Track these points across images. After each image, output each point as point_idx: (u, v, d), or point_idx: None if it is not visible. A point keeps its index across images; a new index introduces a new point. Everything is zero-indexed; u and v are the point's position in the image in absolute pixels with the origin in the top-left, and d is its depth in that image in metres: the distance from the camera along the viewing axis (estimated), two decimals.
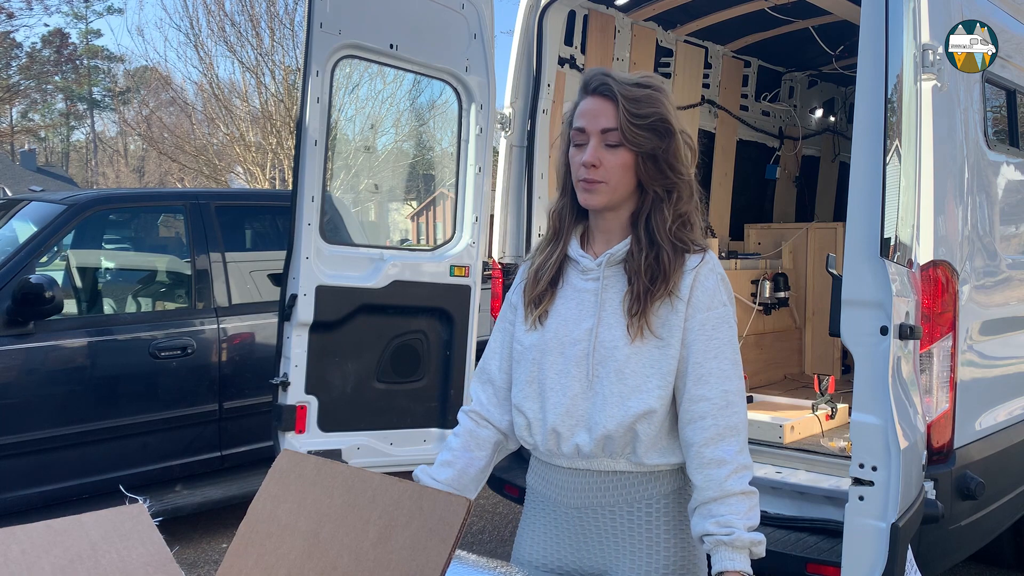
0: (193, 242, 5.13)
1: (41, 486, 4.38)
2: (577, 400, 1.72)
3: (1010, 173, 3.67)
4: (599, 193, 1.71)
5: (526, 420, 1.79)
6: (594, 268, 1.76)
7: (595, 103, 1.70)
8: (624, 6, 4.77)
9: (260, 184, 20.53)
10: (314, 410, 3.66)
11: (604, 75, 1.72)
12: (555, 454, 1.77)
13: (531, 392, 1.78)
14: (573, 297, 1.77)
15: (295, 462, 1.29)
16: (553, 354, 1.76)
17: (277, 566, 1.19)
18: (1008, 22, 3.71)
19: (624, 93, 1.68)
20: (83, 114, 49.82)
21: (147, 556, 1.16)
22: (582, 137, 1.72)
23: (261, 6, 20.92)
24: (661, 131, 1.69)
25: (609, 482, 1.74)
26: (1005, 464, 3.46)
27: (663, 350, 1.68)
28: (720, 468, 1.65)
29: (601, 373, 1.70)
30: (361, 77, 17.53)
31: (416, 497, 1.17)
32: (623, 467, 1.73)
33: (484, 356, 1.93)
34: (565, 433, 1.73)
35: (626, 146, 1.68)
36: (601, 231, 1.79)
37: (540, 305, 1.79)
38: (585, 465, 1.75)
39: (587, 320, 1.73)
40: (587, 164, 1.69)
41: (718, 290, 1.71)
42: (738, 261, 5.36)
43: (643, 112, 1.67)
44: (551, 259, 1.80)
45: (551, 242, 1.83)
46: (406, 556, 1.12)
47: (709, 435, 1.66)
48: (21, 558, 1.10)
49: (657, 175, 1.70)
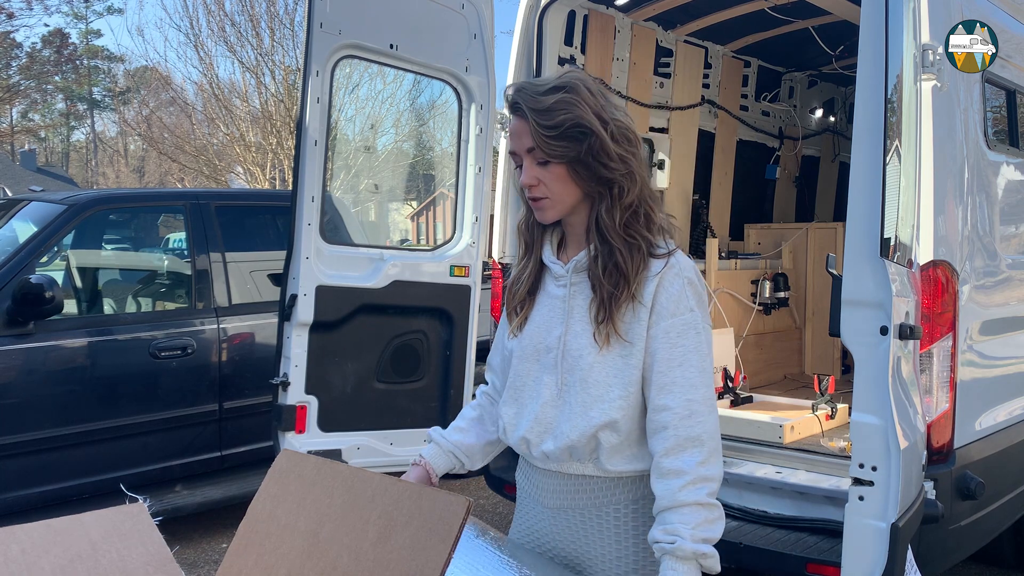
0: (193, 242, 5.13)
1: (41, 486, 4.37)
2: (546, 408, 1.74)
3: (1010, 173, 3.67)
4: (547, 209, 1.72)
5: (504, 423, 1.83)
6: (564, 275, 1.76)
7: (515, 124, 1.70)
8: (624, 6, 4.77)
9: (260, 184, 20.53)
10: (314, 410, 3.66)
11: (516, 91, 1.70)
12: (529, 456, 1.82)
13: (509, 397, 1.82)
14: (547, 304, 1.79)
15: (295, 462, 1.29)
16: (529, 361, 1.78)
17: (277, 566, 1.19)
18: (1008, 22, 3.71)
19: (533, 106, 1.65)
20: (83, 114, 49.84)
21: (147, 556, 1.16)
22: (517, 159, 1.72)
23: (261, 6, 20.93)
24: (578, 136, 1.64)
25: (579, 485, 1.75)
26: (1005, 464, 3.46)
27: (627, 359, 1.67)
28: (677, 479, 1.61)
29: (569, 381, 1.71)
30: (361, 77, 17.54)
31: (416, 497, 1.17)
32: (591, 471, 1.74)
33: (491, 350, 2.01)
34: (534, 440, 1.75)
35: (552, 160, 1.67)
36: (571, 235, 1.80)
37: (520, 313, 1.81)
38: (556, 468, 1.77)
39: (557, 327, 1.75)
40: (525, 185, 1.71)
41: (684, 295, 1.67)
42: (738, 261, 5.36)
43: (555, 122, 1.64)
44: (526, 271, 1.82)
45: (525, 255, 1.84)
46: (406, 556, 1.12)
47: (669, 445, 1.63)
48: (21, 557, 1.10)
49: (591, 178, 1.68)
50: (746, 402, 4.39)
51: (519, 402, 1.80)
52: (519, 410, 1.80)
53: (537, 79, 1.75)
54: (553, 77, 1.71)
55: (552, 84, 1.67)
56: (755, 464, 3.57)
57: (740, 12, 4.98)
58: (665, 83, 5.31)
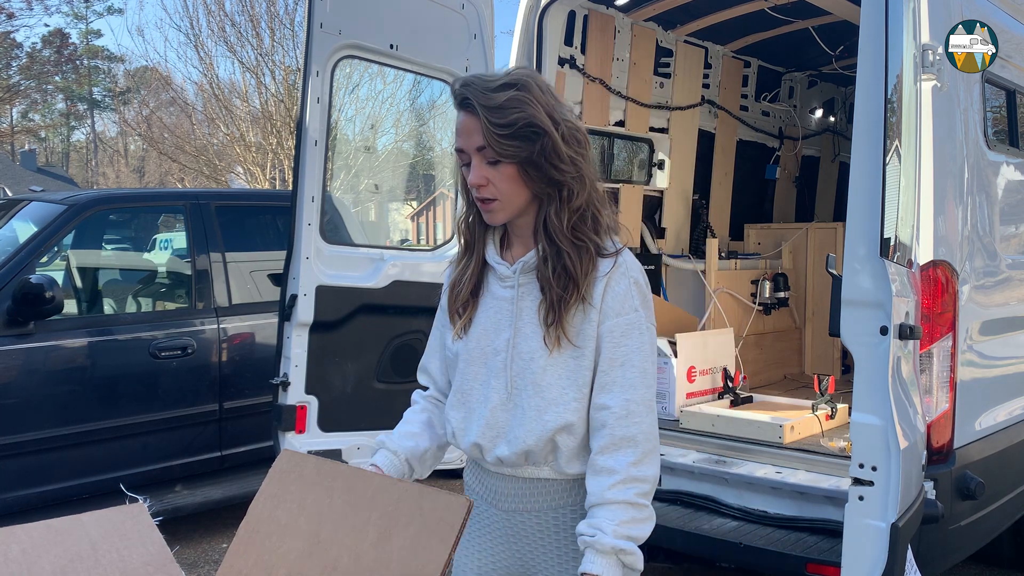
0: (193, 242, 5.13)
1: (41, 486, 4.37)
2: (497, 412, 1.70)
3: (1010, 173, 3.67)
4: (496, 211, 1.67)
5: (452, 428, 1.79)
6: (510, 276, 1.72)
7: (463, 119, 1.64)
8: (624, 6, 4.77)
9: (260, 184, 20.52)
10: (314, 410, 3.66)
11: (464, 85, 1.63)
12: (482, 460, 1.77)
13: (456, 401, 1.78)
14: (493, 306, 1.74)
15: (295, 462, 1.29)
16: (476, 364, 1.74)
17: (277, 566, 1.19)
18: (1008, 22, 3.71)
19: (484, 103, 1.59)
20: (83, 114, 49.83)
21: (147, 556, 1.16)
22: (464, 157, 1.66)
23: (261, 6, 20.92)
24: (531, 136, 1.60)
25: (535, 488, 1.73)
26: (1005, 464, 3.46)
27: (579, 360, 1.65)
28: (608, 477, 1.61)
29: (520, 385, 1.68)
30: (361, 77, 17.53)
31: (416, 497, 1.17)
32: (547, 475, 1.71)
33: (425, 355, 1.93)
34: (487, 445, 1.71)
35: (503, 160, 1.62)
36: (516, 235, 1.76)
37: (464, 315, 1.76)
38: (511, 472, 1.73)
39: (506, 330, 1.71)
40: (474, 185, 1.65)
41: (629, 295, 1.66)
42: (738, 261, 5.36)
43: (507, 120, 1.59)
44: (468, 271, 1.77)
45: (465, 253, 1.79)
46: (406, 556, 1.12)
47: (604, 443, 1.63)
48: (21, 557, 1.10)
49: (541, 179, 1.64)
50: (746, 402, 4.39)
51: (467, 406, 1.76)
52: (467, 414, 1.75)
53: (486, 74, 1.67)
54: (502, 73, 1.66)
55: (503, 80, 1.62)
56: (755, 464, 3.57)
57: (740, 12, 4.98)
58: (665, 83, 5.31)
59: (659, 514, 3.50)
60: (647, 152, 5.37)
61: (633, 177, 5.29)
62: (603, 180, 5.04)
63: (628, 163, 5.30)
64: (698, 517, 3.42)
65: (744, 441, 3.72)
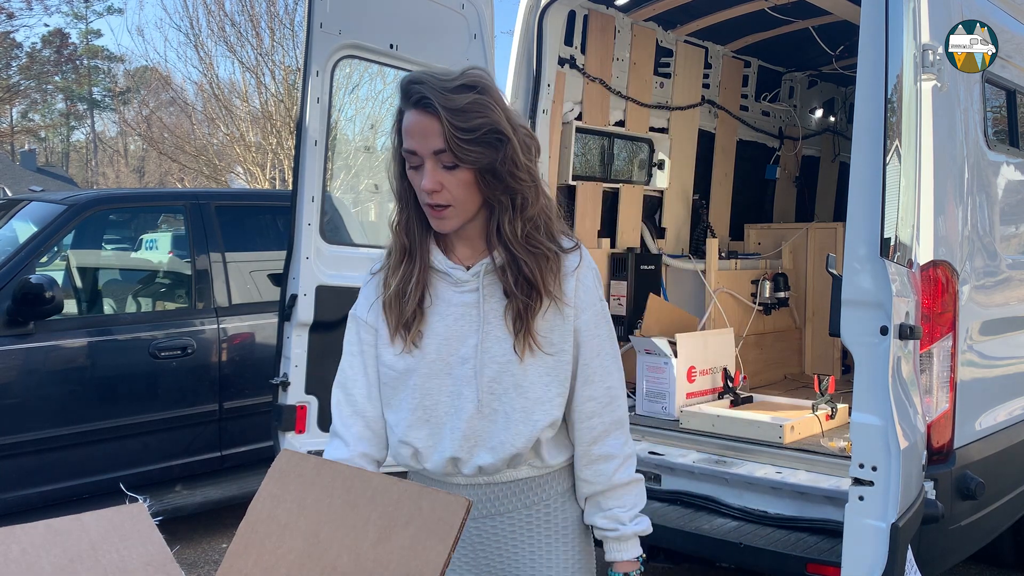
0: (193, 242, 5.13)
1: (41, 486, 4.37)
2: (473, 421, 1.63)
3: (1010, 173, 3.67)
4: (449, 218, 1.59)
5: (413, 450, 1.68)
6: (470, 279, 1.65)
7: (419, 119, 1.53)
8: (624, 6, 4.77)
9: (260, 184, 20.52)
10: (314, 410, 3.66)
11: (421, 83, 1.54)
12: (451, 475, 1.69)
13: (416, 419, 1.66)
14: (450, 313, 1.66)
15: (295, 462, 1.29)
16: (439, 376, 1.65)
17: (277, 566, 1.19)
18: (1008, 22, 3.71)
19: (446, 104, 1.51)
20: (83, 114, 49.83)
21: (147, 556, 1.16)
22: (415, 159, 1.56)
23: (261, 6, 20.93)
24: (494, 142, 1.54)
25: (508, 490, 1.70)
26: (1005, 464, 3.46)
27: (558, 357, 1.65)
28: (608, 463, 1.69)
29: (498, 390, 1.63)
30: (361, 77, 17.51)
31: (415, 497, 1.17)
32: (524, 474, 1.69)
33: (343, 382, 1.74)
34: (464, 456, 1.65)
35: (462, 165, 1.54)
36: (460, 237, 1.68)
37: (413, 327, 1.65)
38: (486, 480, 1.68)
39: (472, 336, 1.64)
40: (427, 190, 1.56)
41: (596, 286, 1.70)
42: (738, 261, 5.36)
43: (471, 125, 1.52)
44: (412, 278, 1.65)
45: (405, 260, 1.67)
46: (405, 556, 1.12)
47: (597, 433, 1.69)
48: (21, 557, 1.10)
49: (498, 187, 1.58)
50: (746, 402, 4.39)
51: (432, 422, 1.65)
52: (434, 430, 1.65)
53: (438, 71, 1.58)
54: (455, 72, 1.57)
55: (461, 81, 1.54)
56: (755, 464, 3.57)
57: (740, 12, 4.97)
58: (665, 83, 5.31)
59: (659, 514, 3.52)
60: (647, 152, 5.37)
61: (633, 177, 5.29)
62: (603, 180, 5.07)
63: (628, 163, 5.30)
64: (698, 517, 3.42)
65: (744, 441, 3.72)
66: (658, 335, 4.39)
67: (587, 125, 4.87)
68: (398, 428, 1.69)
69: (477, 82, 1.55)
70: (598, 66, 4.81)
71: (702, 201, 5.67)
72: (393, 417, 1.70)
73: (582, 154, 4.95)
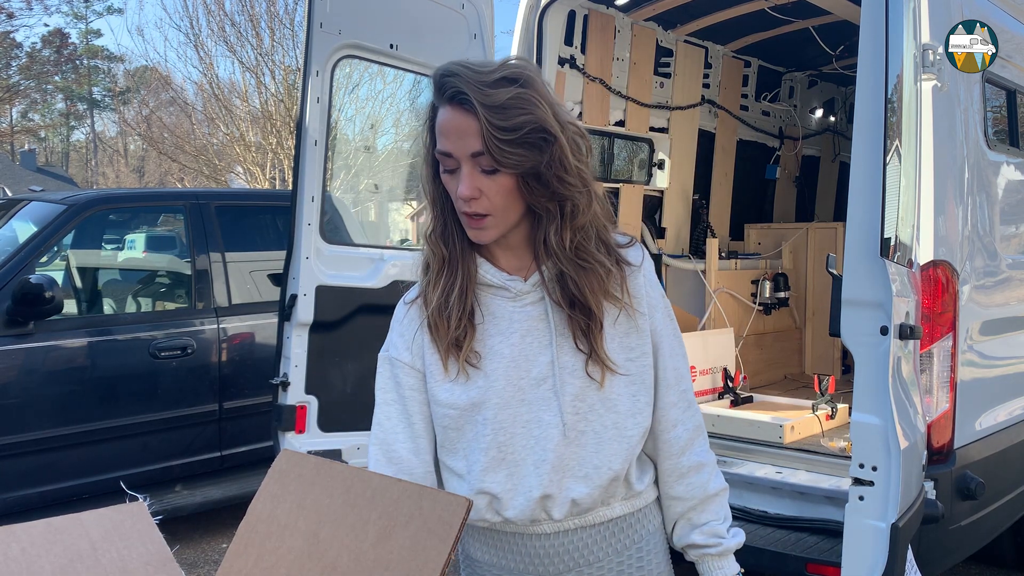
0: (193, 242, 5.13)
1: (41, 486, 4.38)
2: (561, 449, 1.42)
3: (1010, 173, 3.67)
4: (488, 228, 1.40)
5: (490, 497, 1.45)
6: (530, 290, 1.46)
7: (455, 118, 1.34)
8: (624, 6, 4.77)
9: (260, 184, 20.53)
10: (314, 410, 3.66)
11: (455, 76, 1.35)
12: (539, 522, 1.46)
13: (492, 461, 1.43)
14: (514, 331, 1.45)
15: (294, 462, 1.29)
16: (512, 406, 1.43)
17: (276, 566, 1.19)
18: (1008, 22, 3.71)
19: (484, 101, 1.32)
20: (83, 114, 49.84)
21: (147, 555, 1.16)
22: (451, 162, 1.38)
23: (261, 6, 20.93)
24: (538, 143, 1.35)
25: (601, 533, 1.49)
26: (1005, 464, 3.46)
27: (638, 361, 1.48)
28: (701, 472, 1.53)
29: (583, 408, 1.43)
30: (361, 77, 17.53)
31: (416, 497, 1.17)
32: (618, 511, 1.50)
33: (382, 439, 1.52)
34: (556, 493, 1.43)
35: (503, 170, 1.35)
36: (504, 248, 1.48)
37: (463, 346, 1.44)
38: (577, 523, 1.47)
39: (544, 352, 1.44)
40: (465, 198, 1.37)
41: (658, 282, 1.55)
42: (738, 261, 5.36)
43: (512, 124, 1.32)
44: (454, 291, 1.45)
45: (446, 270, 1.47)
46: (406, 556, 1.12)
47: (684, 442, 1.52)
48: (21, 557, 1.10)
49: (544, 192, 1.38)
50: (746, 402, 4.39)
51: (511, 460, 1.43)
52: (515, 469, 1.43)
53: (475, 62, 1.38)
54: (495, 64, 1.38)
55: (501, 74, 1.35)
56: (755, 464, 3.57)
57: (740, 12, 4.98)
58: (665, 83, 5.31)
59: None
60: (647, 152, 5.37)
61: (633, 177, 5.29)
62: (603, 180, 5.07)
63: (628, 163, 5.30)
64: None
65: (744, 441, 3.73)
66: None
67: (587, 125, 4.87)
68: (471, 476, 1.45)
69: (519, 75, 1.36)
70: (598, 66, 4.81)
71: (702, 201, 5.67)
72: (462, 464, 1.47)
73: None
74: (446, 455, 1.50)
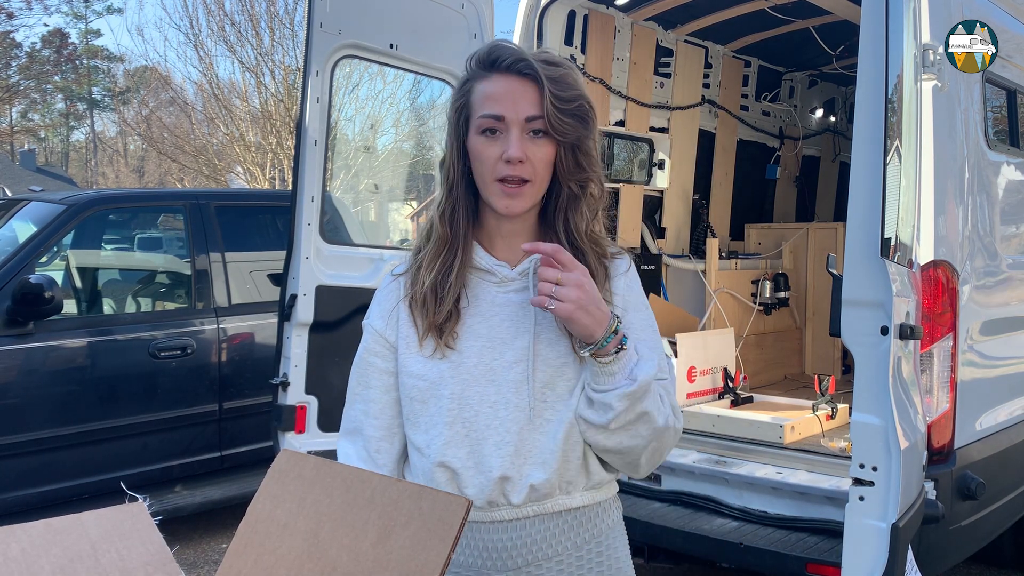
0: (193, 242, 5.13)
1: (41, 486, 4.37)
2: (525, 433, 1.44)
3: (1010, 173, 3.67)
4: (525, 195, 1.44)
5: (451, 473, 1.46)
6: (516, 278, 1.50)
7: (514, 84, 1.42)
8: (624, 6, 4.77)
9: (260, 184, 20.53)
10: (314, 410, 3.66)
11: (513, 49, 1.44)
12: (497, 506, 1.46)
13: (454, 436, 1.45)
14: (495, 313, 1.49)
15: (294, 462, 1.29)
16: (480, 384, 1.45)
17: (276, 566, 1.19)
18: (1008, 22, 3.71)
19: (546, 73, 1.42)
20: (83, 114, 49.82)
21: (147, 555, 1.16)
22: (500, 125, 1.42)
23: (261, 6, 20.94)
24: (584, 117, 1.45)
25: (560, 526, 1.49)
26: (1005, 464, 3.45)
27: None
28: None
29: (551, 397, 1.45)
30: (361, 77, 17.53)
31: (415, 497, 1.17)
32: (579, 502, 1.49)
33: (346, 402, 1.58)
34: (516, 475, 1.44)
35: (550, 136, 1.43)
36: (504, 235, 1.52)
37: (448, 328, 1.48)
38: (536, 510, 1.47)
39: (522, 338, 1.47)
40: (514, 160, 1.41)
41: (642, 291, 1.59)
42: (738, 261, 5.36)
43: (568, 95, 1.42)
44: (452, 273, 1.48)
45: (444, 252, 1.49)
46: (405, 556, 1.12)
47: None
48: (21, 557, 1.09)
49: (575, 169, 1.47)
50: (746, 402, 4.39)
51: (473, 438, 1.45)
52: (476, 447, 1.45)
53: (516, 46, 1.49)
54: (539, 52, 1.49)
55: (548, 57, 1.46)
56: (755, 464, 3.57)
57: (740, 12, 4.98)
58: (665, 83, 5.31)
59: (659, 514, 3.52)
60: (647, 152, 5.37)
61: (633, 177, 5.29)
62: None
63: (628, 163, 5.30)
64: (698, 517, 3.42)
65: (744, 441, 3.72)
66: None
67: None
68: (431, 449, 1.47)
69: (562, 60, 1.48)
70: (598, 66, 4.81)
71: (702, 201, 5.67)
72: (423, 437, 1.49)
73: None
74: (411, 429, 1.52)
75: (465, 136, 1.48)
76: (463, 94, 1.49)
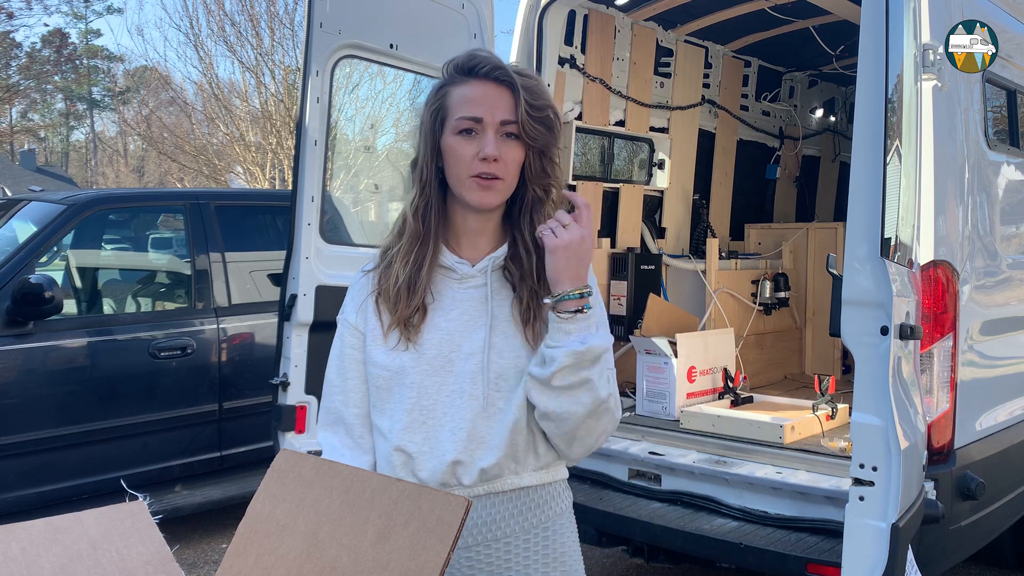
0: (193, 242, 5.13)
1: (41, 486, 4.37)
2: (478, 421, 1.55)
3: (1010, 173, 3.67)
4: (497, 191, 1.56)
5: (406, 456, 1.56)
6: (476, 275, 1.61)
7: (490, 89, 1.55)
8: (624, 6, 4.77)
9: (260, 184, 20.52)
10: (314, 410, 3.66)
11: (489, 57, 1.58)
12: (449, 487, 1.55)
13: (412, 421, 1.56)
14: (454, 308, 1.60)
15: (294, 462, 1.29)
16: (439, 374, 1.56)
17: (276, 566, 1.19)
18: (1008, 22, 3.71)
19: (521, 83, 1.55)
20: (83, 114, 49.80)
21: (147, 555, 1.16)
22: (477, 126, 1.54)
23: (261, 6, 20.94)
24: (551, 126, 1.58)
25: (508, 508, 1.58)
26: (1005, 464, 3.45)
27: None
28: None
29: (505, 387, 1.56)
30: (361, 77, 17.50)
31: (415, 497, 1.17)
32: (527, 481, 1.58)
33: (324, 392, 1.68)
34: (467, 459, 1.54)
35: (522, 140, 1.56)
36: (469, 234, 1.63)
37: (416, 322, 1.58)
38: (486, 489, 1.56)
39: (478, 331, 1.57)
40: (490, 158, 1.53)
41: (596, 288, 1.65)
42: (738, 261, 5.36)
43: (539, 103, 1.55)
44: (423, 269, 1.59)
45: (415, 248, 1.60)
46: (405, 556, 1.12)
47: None
48: (21, 556, 1.09)
49: (541, 173, 1.60)
50: (746, 402, 4.39)
51: (430, 424, 1.55)
52: (432, 433, 1.55)
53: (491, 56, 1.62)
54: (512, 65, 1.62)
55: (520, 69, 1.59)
56: (755, 464, 3.57)
57: (740, 12, 4.97)
58: (665, 83, 5.31)
59: (659, 514, 3.52)
60: (647, 152, 5.37)
61: (633, 177, 5.29)
62: (603, 180, 5.07)
63: (628, 163, 5.30)
64: (698, 517, 3.42)
65: (744, 441, 3.72)
66: (658, 335, 4.39)
67: (587, 125, 4.87)
68: (391, 434, 1.58)
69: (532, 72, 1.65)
70: (598, 66, 4.81)
71: (702, 201, 5.67)
72: (385, 423, 1.59)
73: (582, 154, 4.95)
74: (376, 415, 1.62)
75: (440, 136, 1.59)
76: (439, 97, 1.60)
